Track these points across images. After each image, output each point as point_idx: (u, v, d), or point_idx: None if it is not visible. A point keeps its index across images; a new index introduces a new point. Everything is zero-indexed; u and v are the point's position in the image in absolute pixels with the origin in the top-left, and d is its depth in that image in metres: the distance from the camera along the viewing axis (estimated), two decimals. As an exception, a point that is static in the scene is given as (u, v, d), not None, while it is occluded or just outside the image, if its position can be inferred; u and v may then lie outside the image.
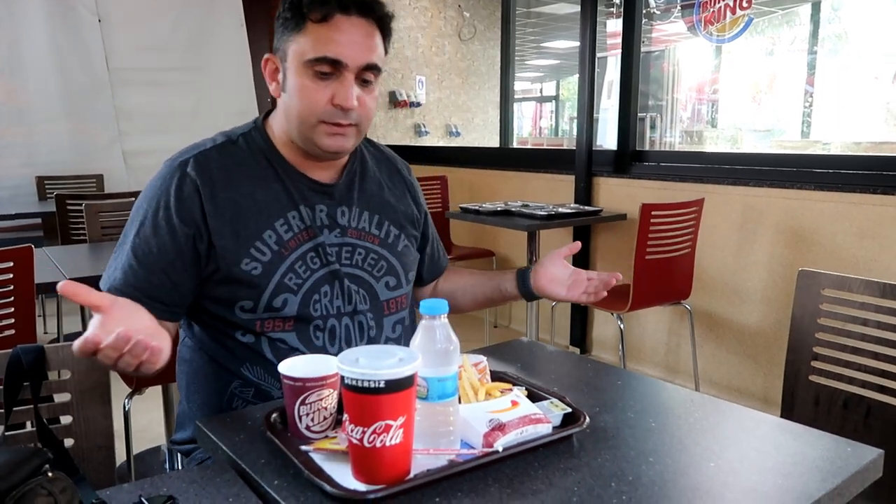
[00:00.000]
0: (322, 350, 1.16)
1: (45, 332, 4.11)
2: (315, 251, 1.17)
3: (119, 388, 2.09)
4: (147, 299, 1.06)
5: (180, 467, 1.34)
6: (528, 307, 3.59)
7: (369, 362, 0.77)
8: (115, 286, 1.09)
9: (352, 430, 0.77)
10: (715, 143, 6.03)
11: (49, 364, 0.92)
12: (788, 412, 1.48)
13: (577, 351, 3.84)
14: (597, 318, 3.81)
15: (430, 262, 1.43)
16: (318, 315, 1.16)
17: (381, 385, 0.75)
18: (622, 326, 2.90)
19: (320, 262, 1.17)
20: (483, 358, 1.03)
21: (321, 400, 0.90)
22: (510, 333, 4.27)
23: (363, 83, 1.13)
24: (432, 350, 0.84)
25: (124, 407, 2.03)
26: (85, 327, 3.20)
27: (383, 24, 1.16)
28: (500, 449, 0.84)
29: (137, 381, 2.01)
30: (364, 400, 0.75)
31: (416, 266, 1.34)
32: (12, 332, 1.77)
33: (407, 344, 1.31)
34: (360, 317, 1.20)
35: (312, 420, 0.90)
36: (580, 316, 3.84)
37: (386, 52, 1.17)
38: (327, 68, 1.10)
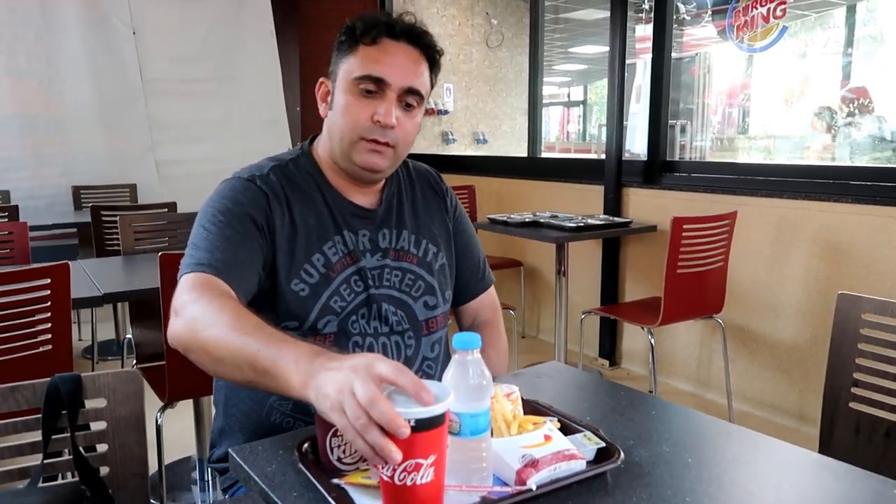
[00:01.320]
0: None
1: (80, 339, 4.19)
2: (358, 274, 1.21)
3: (151, 402, 2.13)
4: (232, 274, 1.07)
5: (211, 485, 1.36)
6: (556, 318, 3.56)
7: (401, 400, 0.76)
8: (201, 262, 1.07)
9: (382, 468, 0.77)
10: (747, 153, 5.93)
11: (86, 392, 0.93)
12: (827, 439, 1.44)
13: (607, 363, 3.80)
14: (626, 330, 3.76)
15: (470, 274, 1.40)
16: (357, 332, 1.19)
17: (412, 423, 0.74)
18: (653, 341, 2.86)
19: (363, 285, 1.21)
20: (515, 388, 1.02)
21: None
22: (538, 344, 4.25)
23: (406, 107, 1.18)
24: (465, 386, 0.83)
25: (156, 420, 2.05)
26: (118, 335, 3.25)
27: (430, 54, 1.20)
28: (534, 487, 0.83)
29: (169, 395, 2.03)
30: (394, 438, 0.75)
31: (453, 284, 1.35)
32: (49, 346, 1.80)
33: (445, 364, 1.32)
34: (396, 337, 1.22)
35: (344, 452, 0.90)
36: (609, 328, 3.80)
37: (432, 85, 1.22)
38: (371, 86, 1.15)
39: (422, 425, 0.74)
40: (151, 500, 2.35)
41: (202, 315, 0.96)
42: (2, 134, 4.54)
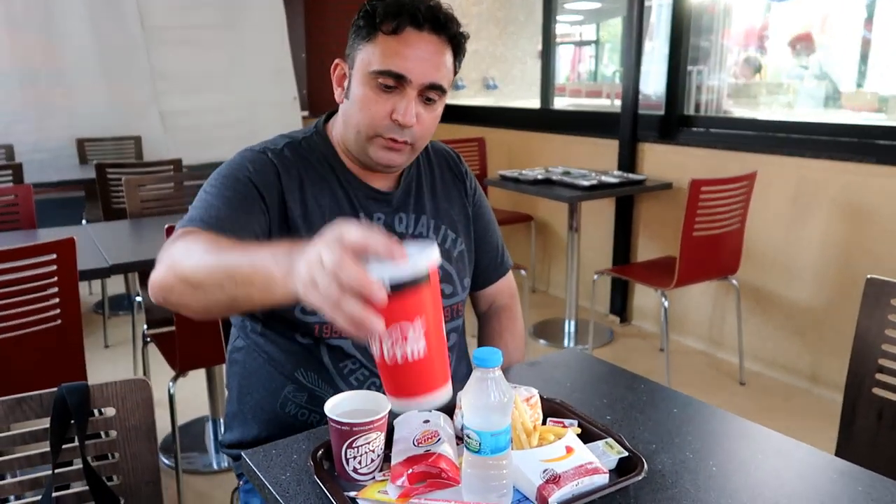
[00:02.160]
0: None
1: (91, 294, 4.21)
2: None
3: (163, 371, 2.13)
4: (223, 230, 1.03)
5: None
6: (567, 274, 3.53)
7: (378, 265, 0.69)
8: (193, 219, 1.05)
9: (372, 347, 0.72)
10: (766, 101, 5.75)
11: (94, 402, 0.91)
12: (849, 424, 1.42)
13: (618, 320, 3.79)
14: (638, 287, 3.73)
15: (489, 260, 1.36)
16: None
17: (387, 285, 0.67)
18: (666, 303, 2.83)
19: None
20: (535, 391, 0.99)
21: (368, 443, 0.88)
22: (548, 299, 4.23)
23: (426, 101, 1.11)
24: (485, 404, 0.80)
25: (169, 390, 2.06)
26: (129, 290, 3.23)
27: (456, 42, 1.13)
28: (556, 506, 0.81)
29: (181, 364, 2.03)
30: (375, 307, 0.67)
31: (471, 270, 1.31)
32: (58, 322, 1.79)
33: (461, 355, 1.29)
34: None
35: (360, 463, 0.88)
36: (621, 285, 3.77)
37: (456, 72, 1.15)
38: (391, 82, 1.08)
39: (399, 286, 0.68)
40: (166, 461, 2.40)
41: (178, 254, 0.94)
42: (2, 87, 4.45)
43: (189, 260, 0.91)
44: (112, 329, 3.64)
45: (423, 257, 0.70)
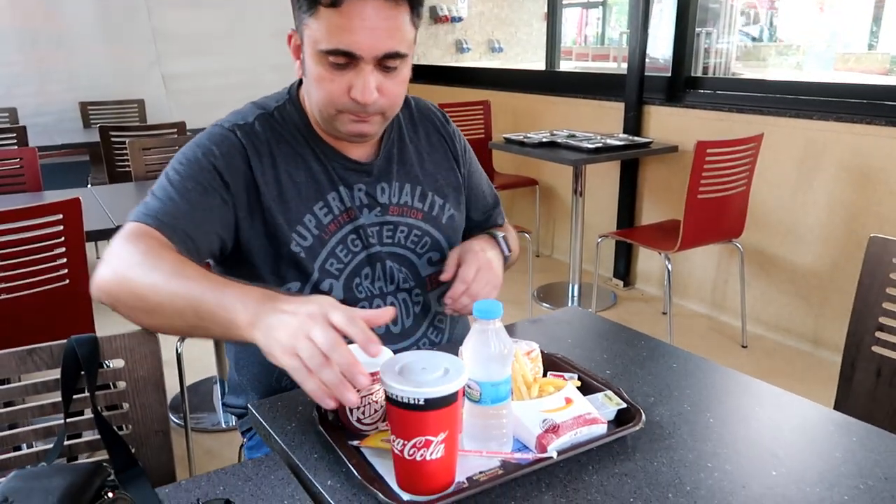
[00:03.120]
0: None
1: (98, 258, 4.24)
2: (356, 233, 1.14)
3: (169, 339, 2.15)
4: (177, 229, 1.00)
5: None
6: (571, 238, 3.54)
7: (412, 376, 0.75)
8: (149, 213, 1.00)
9: (393, 441, 0.76)
10: (775, 63, 5.66)
11: (103, 353, 0.93)
12: (848, 380, 1.43)
13: (621, 284, 3.80)
14: (642, 251, 3.74)
15: (481, 215, 1.35)
16: (363, 297, 1.14)
17: (422, 402, 0.73)
18: (669, 266, 2.83)
19: (361, 244, 1.14)
20: (535, 345, 1.01)
21: (371, 394, 0.89)
22: (552, 263, 4.24)
23: (386, 70, 1.02)
24: (486, 355, 0.81)
25: (176, 350, 2.09)
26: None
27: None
28: (555, 455, 0.82)
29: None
30: (404, 415, 0.74)
31: (461, 234, 1.28)
32: (67, 282, 1.81)
33: (454, 320, 1.28)
34: (403, 294, 1.18)
35: (364, 413, 0.90)
36: (625, 249, 3.77)
37: (416, 26, 1.04)
38: (342, 60, 0.99)
39: (431, 404, 0.73)
40: (175, 419, 2.45)
41: (136, 263, 0.90)
42: (2, 48, 4.42)
43: (147, 278, 0.88)
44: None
45: (455, 378, 0.74)
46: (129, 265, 0.90)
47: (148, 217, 0.99)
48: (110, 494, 0.65)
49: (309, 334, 0.73)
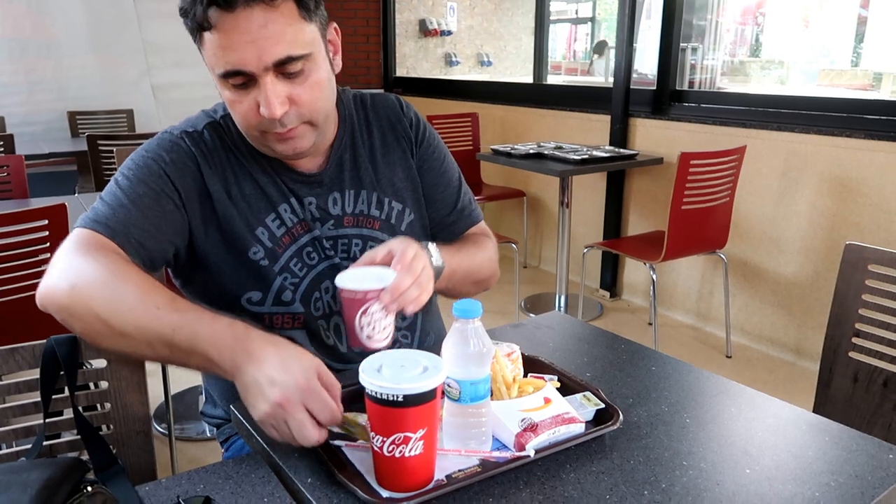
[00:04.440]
0: (334, 349, 1.12)
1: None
2: (312, 245, 1.10)
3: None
4: (130, 237, 0.96)
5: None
6: (558, 249, 3.56)
7: (391, 373, 0.76)
8: (99, 219, 0.96)
9: (373, 437, 0.77)
10: (759, 78, 5.74)
11: (84, 354, 0.93)
12: (825, 386, 1.45)
13: (608, 295, 3.83)
14: (628, 262, 3.77)
15: (447, 212, 1.24)
16: (320, 314, 1.11)
17: (400, 399, 0.74)
18: (654, 276, 2.86)
19: (318, 256, 1.11)
20: (516, 347, 1.02)
21: (381, 310, 0.91)
22: (539, 274, 4.26)
23: (289, 76, 0.96)
24: (465, 354, 0.82)
25: (162, 357, 2.08)
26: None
27: None
28: (532, 453, 0.83)
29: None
30: (383, 411, 0.75)
31: (426, 236, 1.22)
32: (51, 287, 1.80)
33: (424, 326, 1.27)
34: None
35: (374, 329, 0.92)
36: (611, 260, 3.80)
37: (313, 19, 0.97)
38: (239, 80, 0.95)
39: (410, 401, 0.74)
40: (159, 428, 2.43)
41: (100, 282, 0.86)
42: (-8, 57, 4.42)
43: (112, 304, 0.84)
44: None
45: (433, 375, 0.76)
46: (91, 283, 0.86)
47: (98, 224, 0.95)
48: (89, 489, 0.66)
49: (286, 419, 0.79)
